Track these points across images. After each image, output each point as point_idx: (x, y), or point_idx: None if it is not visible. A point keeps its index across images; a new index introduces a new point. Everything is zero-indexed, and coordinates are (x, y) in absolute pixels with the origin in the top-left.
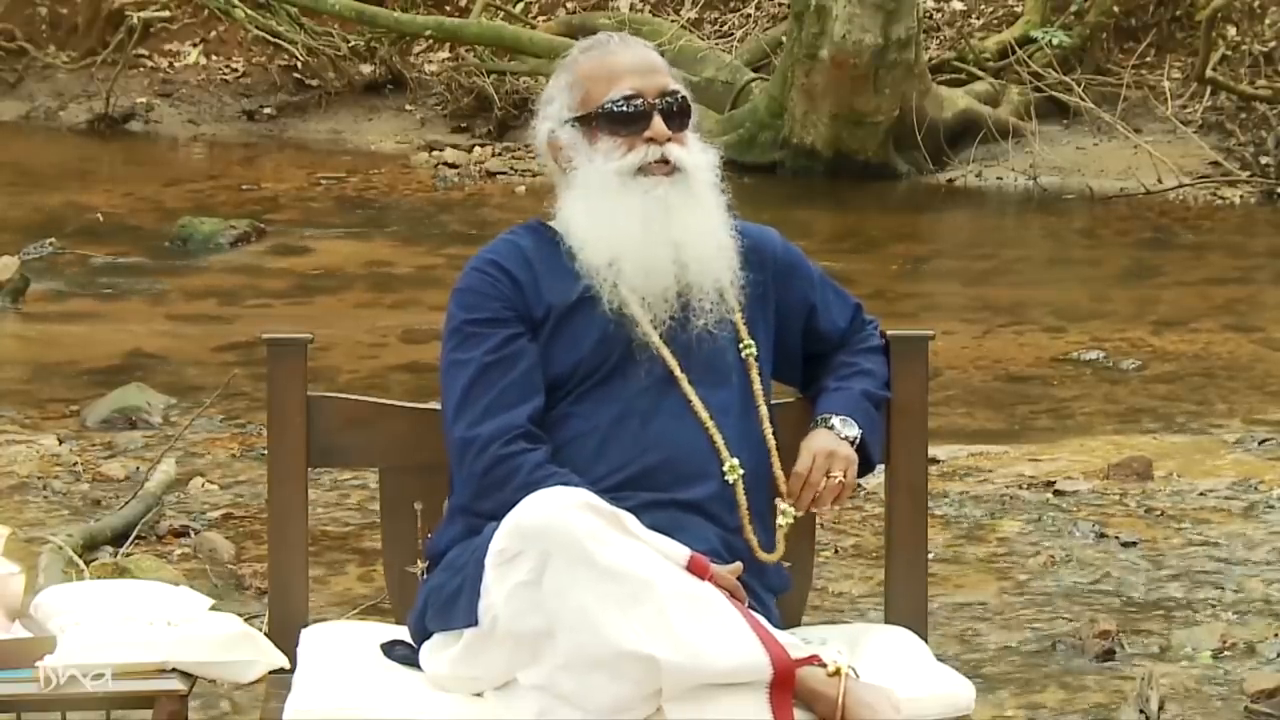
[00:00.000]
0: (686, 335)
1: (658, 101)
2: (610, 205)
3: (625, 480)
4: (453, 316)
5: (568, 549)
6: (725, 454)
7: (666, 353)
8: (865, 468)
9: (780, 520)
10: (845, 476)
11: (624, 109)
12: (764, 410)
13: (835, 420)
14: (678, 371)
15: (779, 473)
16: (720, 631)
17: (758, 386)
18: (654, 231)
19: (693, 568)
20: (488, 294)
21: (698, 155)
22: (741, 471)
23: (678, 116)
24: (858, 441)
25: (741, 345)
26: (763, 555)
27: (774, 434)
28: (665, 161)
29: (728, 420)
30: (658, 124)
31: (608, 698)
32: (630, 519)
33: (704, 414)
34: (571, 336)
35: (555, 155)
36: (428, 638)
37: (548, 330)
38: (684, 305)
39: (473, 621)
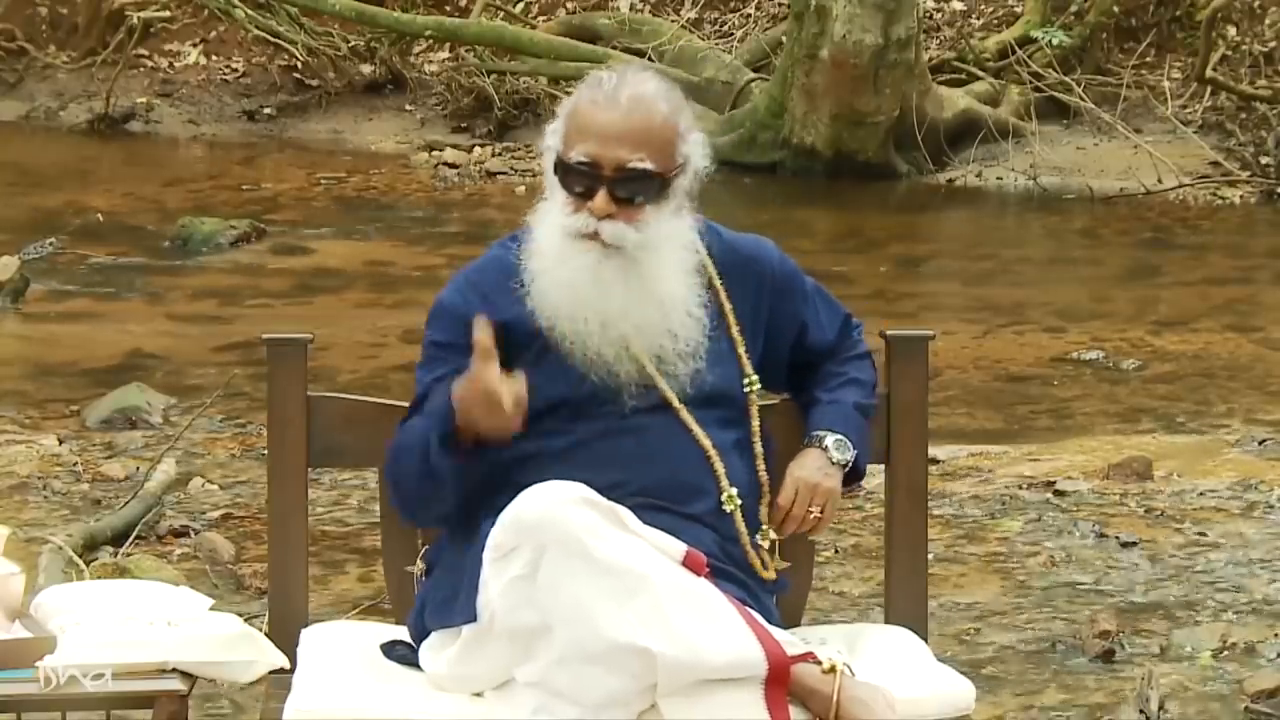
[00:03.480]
0: (682, 372)
1: (610, 174)
2: (548, 264)
3: (620, 497)
4: (426, 329)
5: (564, 543)
6: (725, 482)
7: (662, 382)
8: (853, 476)
9: (762, 542)
10: (824, 511)
11: (576, 171)
12: (758, 447)
13: (830, 440)
14: (673, 399)
15: (764, 509)
16: (716, 626)
17: (755, 424)
18: (581, 301)
19: (689, 563)
20: (456, 317)
21: (652, 230)
22: (739, 502)
23: (631, 192)
24: (849, 465)
25: (745, 381)
26: (763, 573)
27: (767, 469)
28: (597, 235)
29: (726, 444)
30: (600, 199)
31: (603, 692)
32: (627, 514)
33: (703, 437)
34: (559, 363)
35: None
36: (427, 637)
37: (534, 352)
38: (649, 364)
39: (471, 618)
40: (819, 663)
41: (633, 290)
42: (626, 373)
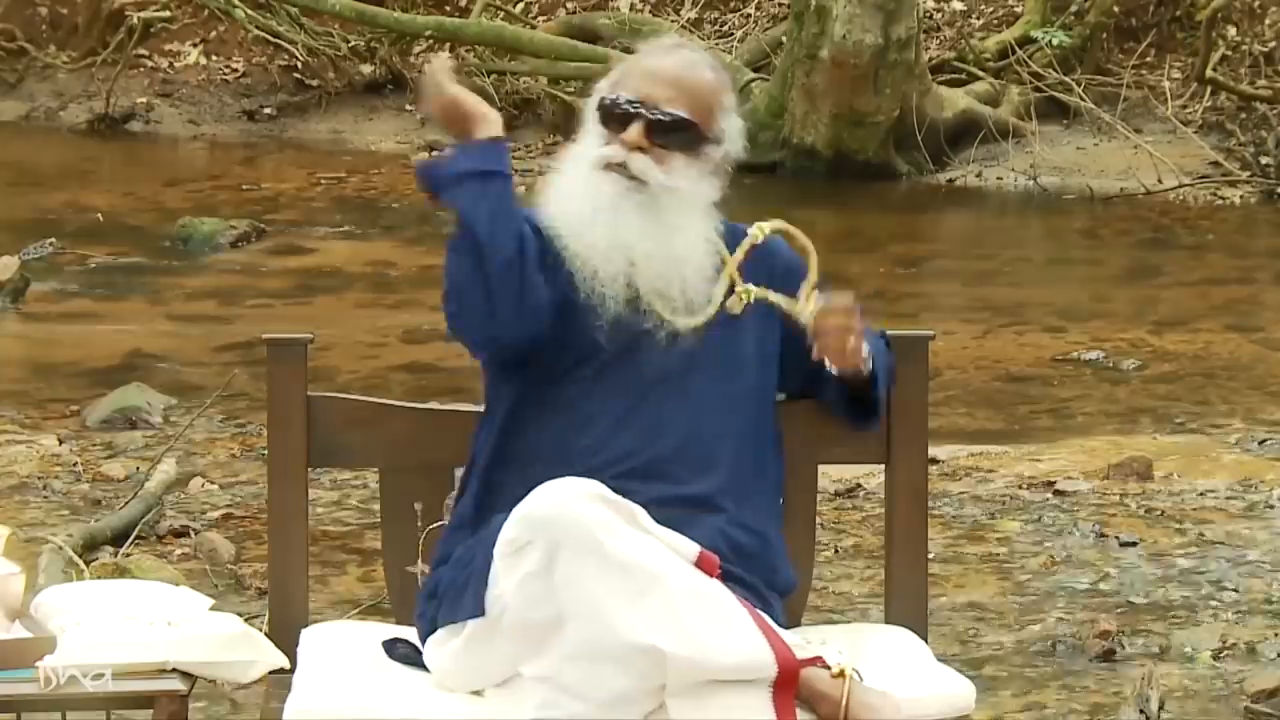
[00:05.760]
0: (701, 326)
1: (650, 112)
2: (569, 189)
3: (633, 469)
4: None
5: (578, 539)
6: (738, 284)
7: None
8: (870, 413)
9: (739, 291)
10: (854, 339)
11: (617, 104)
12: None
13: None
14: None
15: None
16: (727, 628)
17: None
18: (601, 222)
19: (702, 564)
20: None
21: (677, 177)
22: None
23: (666, 134)
24: (869, 362)
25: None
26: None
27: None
28: (624, 167)
29: (734, 407)
30: (633, 130)
31: (612, 691)
32: (641, 513)
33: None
34: (582, 321)
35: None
36: (433, 632)
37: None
38: (648, 301)
39: (479, 612)
40: (828, 667)
41: (649, 228)
42: (621, 308)
